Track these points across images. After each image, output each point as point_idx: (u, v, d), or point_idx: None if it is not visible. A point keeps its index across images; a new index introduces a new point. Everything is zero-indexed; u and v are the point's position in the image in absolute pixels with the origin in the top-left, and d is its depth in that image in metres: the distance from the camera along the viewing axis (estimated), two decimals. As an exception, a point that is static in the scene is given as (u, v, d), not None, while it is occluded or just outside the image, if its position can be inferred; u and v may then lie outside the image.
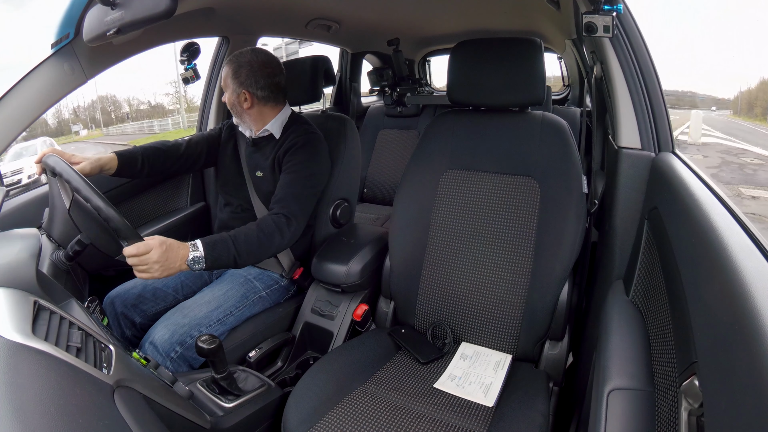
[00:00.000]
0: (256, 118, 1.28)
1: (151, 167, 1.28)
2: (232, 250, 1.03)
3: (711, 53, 29.27)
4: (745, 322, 0.41)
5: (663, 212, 0.80)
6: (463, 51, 1.20)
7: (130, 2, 0.81)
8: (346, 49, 2.60)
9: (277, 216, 1.14)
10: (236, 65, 1.23)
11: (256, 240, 1.07)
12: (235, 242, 1.04)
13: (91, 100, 16.71)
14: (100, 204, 0.85)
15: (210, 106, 1.78)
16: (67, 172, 0.88)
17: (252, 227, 1.09)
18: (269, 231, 1.10)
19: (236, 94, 1.24)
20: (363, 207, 2.49)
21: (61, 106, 15.86)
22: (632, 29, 1.00)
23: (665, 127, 0.99)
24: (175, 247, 0.95)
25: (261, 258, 1.12)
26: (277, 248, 1.13)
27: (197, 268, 0.98)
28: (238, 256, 1.04)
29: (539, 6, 1.67)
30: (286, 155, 1.24)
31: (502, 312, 1.14)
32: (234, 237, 1.05)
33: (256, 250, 1.07)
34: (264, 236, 1.09)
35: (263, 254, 1.11)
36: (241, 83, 1.23)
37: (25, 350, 0.55)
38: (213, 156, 1.40)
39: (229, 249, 1.03)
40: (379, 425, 0.89)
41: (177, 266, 0.95)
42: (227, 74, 1.24)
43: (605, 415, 0.64)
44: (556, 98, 3.32)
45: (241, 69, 1.23)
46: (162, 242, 0.93)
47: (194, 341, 1.08)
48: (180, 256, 0.96)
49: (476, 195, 1.19)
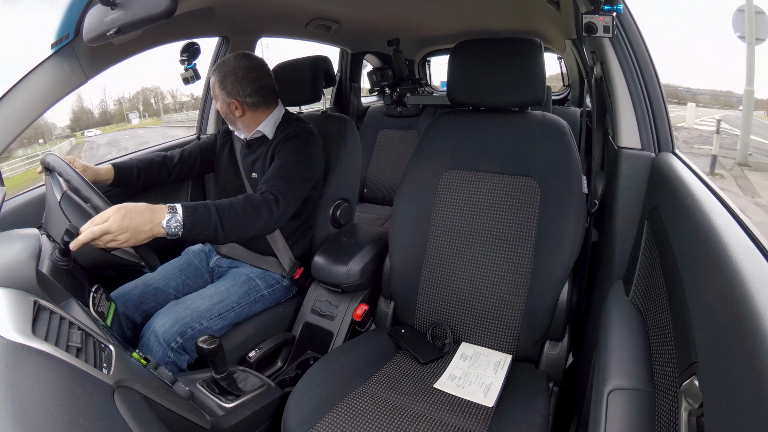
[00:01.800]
0: (249, 123, 1.28)
1: (147, 178, 1.29)
2: (214, 217, 0.95)
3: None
4: (745, 322, 0.41)
5: (663, 212, 0.80)
6: (463, 51, 1.20)
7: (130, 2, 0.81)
8: (346, 49, 2.60)
9: (265, 194, 1.08)
10: (221, 75, 1.22)
11: (241, 211, 1.00)
12: (218, 209, 0.97)
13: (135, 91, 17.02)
14: (80, 185, 0.88)
15: (209, 107, 1.78)
16: (60, 166, 0.92)
17: (239, 199, 1.03)
18: (256, 205, 1.04)
19: (226, 104, 1.24)
20: (363, 207, 2.49)
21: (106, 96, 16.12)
22: (632, 29, 1.00)
23: (665, 127, 0.99)
24: (140, 210, 0.87)
25: (244, 234, 1.03)
26: (263, 225, 1.05)
27: (174, 231, 0.90)
28: (221, 225, 0.96)
29: (539, 6, 1.67)
30: (276, 147, 1.24)
31: (502, 312, 1.14)
32: (218, 205, 0.98)
33: (240, 224, 1.00)
34: (251, 209, 1.02)
35: (248, 229, 1.03)
36: (229, 93, 1.22)
37: (25, 350, 0.55)
38: (208, 164, 1.41)
39: (211, 215, 0.95)
40: (379, 425, 0.89)
41: (148, 229, 0.86)
42: (214, 84, 1.24)
43: (605, 415, 0.64)
44: (556, 98, 3.32)
45: (226, 78, 1.22)
46: (119, 207, 0.85)
47: (195, 333, 1.09)
48: (150, 219, 0.87)
49: (476, 195, 1.19)
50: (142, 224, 0.86)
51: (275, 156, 1.22)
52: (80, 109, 16.04)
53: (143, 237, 0.87)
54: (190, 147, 1.40)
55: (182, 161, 1.36)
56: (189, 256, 1.38)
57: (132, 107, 16.72)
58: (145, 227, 0.86)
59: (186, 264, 1.34)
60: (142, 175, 1.28)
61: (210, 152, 1.41)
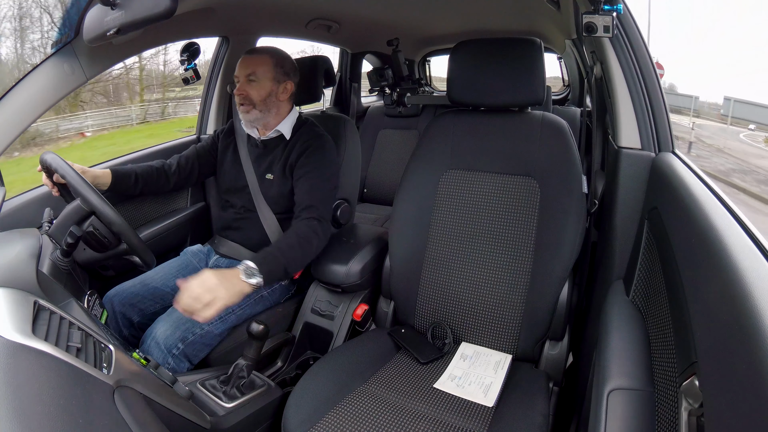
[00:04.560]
0: (277, 114, 1.30)
1: (145, 185, 1.29)
2: (281, 260, 1.06)
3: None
4: (745, 322, 0.41)
5: (663, 212, 0.80)
6: (463, 51, 1.20)
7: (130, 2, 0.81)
8: (346, 49, 2.60)
9: (309, 220, 1.18)
10: (278, 57, 1.28)
11: (298, 246, 1.12)
12: (282, 254, 1.08)
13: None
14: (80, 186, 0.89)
15: (209, 107, 1.77)
16: (60, 165, 0.94)
17: (291, 235, 1.14)
18: (307, 236, 1.15)
19: (278, 85, 1.27)
20: (363, 207, 2.49)
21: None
22: (632, 29, 1.00)
23: (665, 127, 0.99)
24: (223, 271, 0.97)
25: (306, 262, 1.18)
26: (316, 250, 1.17)
27: (254, 282, 0.99)
28: (288, 265, 1.08)
29: (539, 6, 1.67)
30: (299, 159, 1.26)
31: (502, 312, 1.14)
32: (279, 248, 1.09)
33: (300, 257, 1.12)
34: (304, 241, 1.14)
35: (306, 260, 1.16)
36: (286, 73, 1.29)
37: (25, 350, 0.55)
38: (208, 167, 1.41)
39: (278, 260, 1.06)
40: (379, 425, 0.89)
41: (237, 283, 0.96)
42: (266, 63, 1.25)
43: (605, 415, 0.64)
44: (556, 98, 3.32)
45: (285, 61, 1.29)
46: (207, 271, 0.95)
47: (196, 337, 1.09)
48: (232, 275, 0.97)
49: (476, 195, 1.19)
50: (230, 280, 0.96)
51: (299, 171, 1.25)
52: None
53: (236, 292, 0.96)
54: (187, 153, 1.39)
55: (180, 169, 1.36)
56: (187, 256, 1.37)
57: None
58: (233, 280, 0.96)
59: (184, 264, 1.34)
60: (140, 181, 1.27)
61: (208, 156, 1.40)
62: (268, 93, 1.26)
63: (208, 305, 0.90)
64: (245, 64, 1.26)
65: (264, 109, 1.28)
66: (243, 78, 1.25)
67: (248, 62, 1.26)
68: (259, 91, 1.25)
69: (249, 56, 1.27)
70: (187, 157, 1.38)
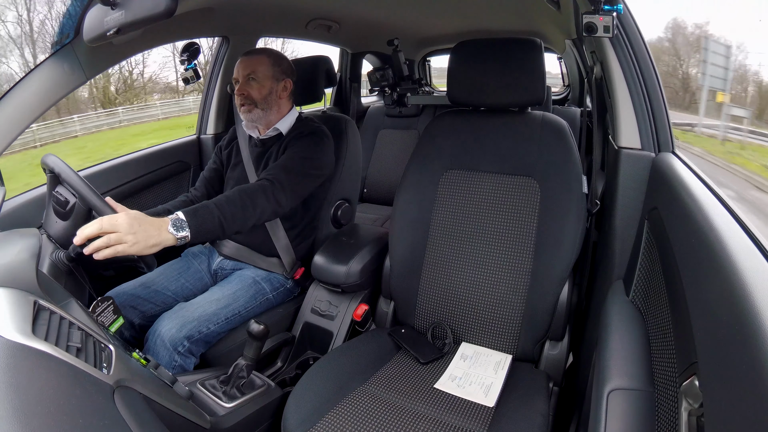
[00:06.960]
0: (278, 112, 1.32)
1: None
2: (215, 213, 0.97)
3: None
4: (745, 322, 0.41)
5: (663, 212, 0.80)
6: (463, 51, 1.20)
7: (130, 2, 0.81)
8: (346, 49, 2.60)
9: (261, 180, 1.11)
10: (275, 56, 1.30)
11: (239, 202, 1.02)
12: (217, 206, 0.99)
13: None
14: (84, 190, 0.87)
15: (209, 107, 1.77)
16: (62, 168, 0.91)
17: (232, 191, 1.06)
18: (251, 192, 1.06)
19: (277, 82, 1.29)
20: (363, 207, 2.49)
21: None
22: (632, 29, 1.00)
23: (665, 128, 0.99)
24: (148, 220, 0.88)
25: (246, 222, 1.05)
26: (262, 211, 1.07)
27: (181, 235, 0.91)
28: (224, 219, 0.98)
29: (539, 6, 1.67)
30: (288, 143, 1.27)
31: (502, 312, 1.14)
32: (215, 201, 1.00)
33: (240, 214, 1.02)
34: (247, 197, 1.04)
35: (248, 218, 1.04)
36: (284, 71, 1.31)
37: (25, 350, 0.55)
38: (222, 183, 1.44)
39: (213, 213, 0.97)
40: (379, 425, 0.89)
41: (156, 234, 0.87)
42: (264, 63, 1.27)
43: (605, 415, 0.64)
44: (556, 98, 3.32)
45: (283, 60, 1.31)
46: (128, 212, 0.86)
47: (201, 336, 1.09)
48: (157, 225, 0.88)
49: (476, 195, 1.19)
50: (150, 229, 0.87)
51: (286, 151, 1.25)
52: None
53: (152, 242, 0.86)
54: (208, 175, 1.42)
55: (207, 191, 1.39)
56: (189, 258, 1.37)
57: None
58: (153, 232, 0.87)
59: (186, 266, 1.34)
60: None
61: (220, 173, 1.43)
62: (269, 91, 1.27)
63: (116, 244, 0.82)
64: (244, 65, 1.27)
65: (265, 108, 1.29)
66: (243, 78, 1.26)
67: (247, 63, 1.27)
68: (260, 90, 1.26)
69: (247, 57, 1.29)
70: (210, 180, 1.42)
